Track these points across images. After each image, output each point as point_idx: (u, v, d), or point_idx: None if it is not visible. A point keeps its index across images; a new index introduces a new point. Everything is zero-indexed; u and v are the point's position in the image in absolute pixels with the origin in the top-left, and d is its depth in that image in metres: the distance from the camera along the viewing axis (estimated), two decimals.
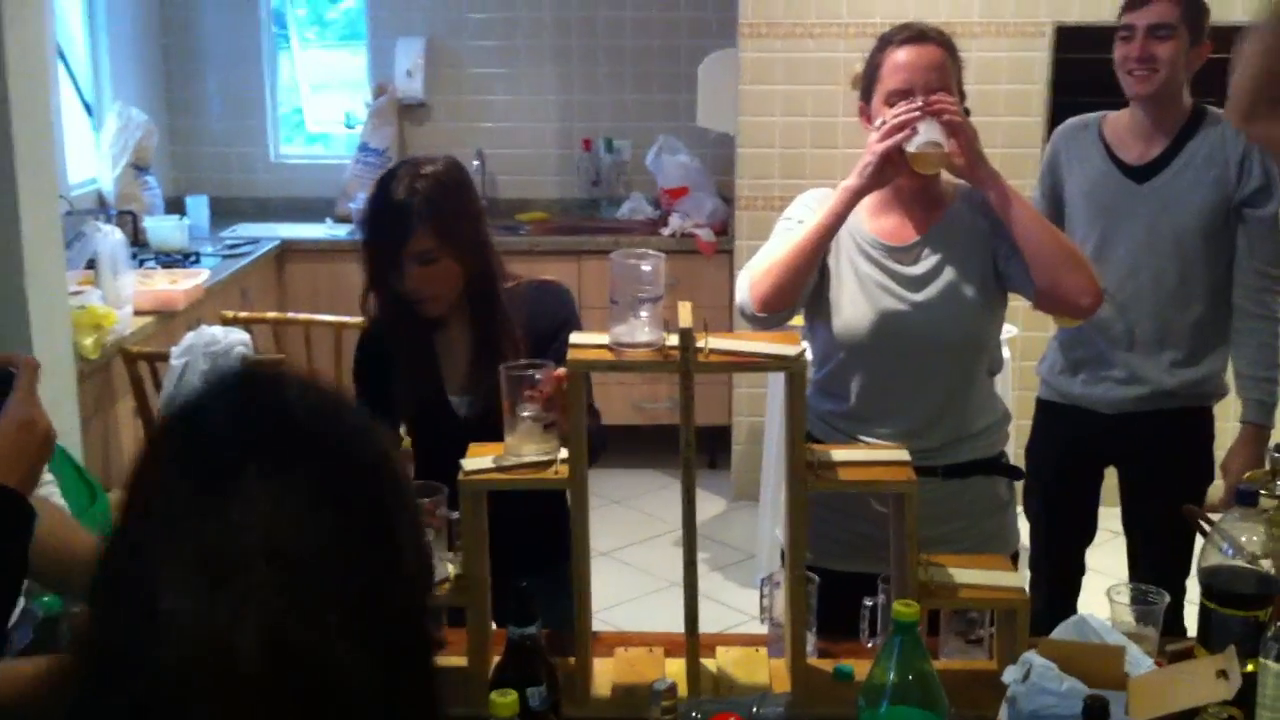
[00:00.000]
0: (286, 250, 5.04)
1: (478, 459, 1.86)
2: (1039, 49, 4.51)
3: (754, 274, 2.16)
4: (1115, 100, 2.90)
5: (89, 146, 4.96)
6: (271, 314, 4.15)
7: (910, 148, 2.06)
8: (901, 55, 2.15)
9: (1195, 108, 2.77)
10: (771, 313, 2.15)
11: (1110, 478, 2.97)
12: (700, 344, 1.78)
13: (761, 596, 1.95)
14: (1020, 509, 2.39)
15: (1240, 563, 1.67)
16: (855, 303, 2.19)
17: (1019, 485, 2.36)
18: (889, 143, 2.06)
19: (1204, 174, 2.72)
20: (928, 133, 2.05)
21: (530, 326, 2.28)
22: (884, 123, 2.08)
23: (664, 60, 5.44)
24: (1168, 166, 2.75)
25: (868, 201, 2.20)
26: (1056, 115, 4.45)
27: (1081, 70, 4.41)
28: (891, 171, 2.10)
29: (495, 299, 2.27)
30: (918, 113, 2.06)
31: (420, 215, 2.17)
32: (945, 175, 2.23)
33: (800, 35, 4.54)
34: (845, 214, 2.11)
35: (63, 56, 4.73)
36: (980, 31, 4.48)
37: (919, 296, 2.17)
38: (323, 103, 5.91)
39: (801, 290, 2.15)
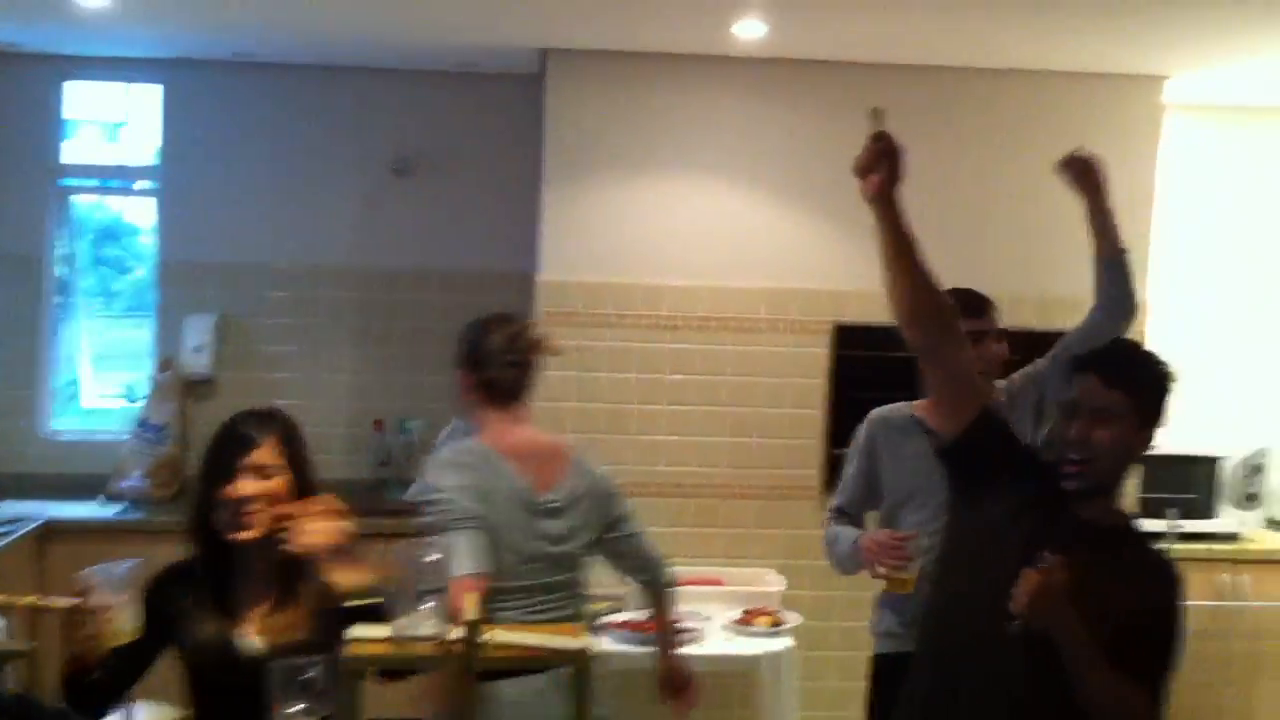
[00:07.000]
0: (49, 530, 4.72)
1: None
2: (820, 345, 4.74)
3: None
4: (887, 395, 3.07)
5: None
6: (28, 598, 3.84)
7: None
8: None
9: None
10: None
11: None
12: (484, 636, 1.71)
13: None
14: None
15: None
16: None
17: None
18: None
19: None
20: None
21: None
22: None
23: None
24: None
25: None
26: (835, 406, 4.68)
27: (858, 365, 4.66)
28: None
29: None
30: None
31: (269, 428, 2.36)
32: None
33: (597, 325, 4.68)
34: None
35: None
36: (767, 328, 4.70)
37: None
38: (104, 375, 5.72)
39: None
